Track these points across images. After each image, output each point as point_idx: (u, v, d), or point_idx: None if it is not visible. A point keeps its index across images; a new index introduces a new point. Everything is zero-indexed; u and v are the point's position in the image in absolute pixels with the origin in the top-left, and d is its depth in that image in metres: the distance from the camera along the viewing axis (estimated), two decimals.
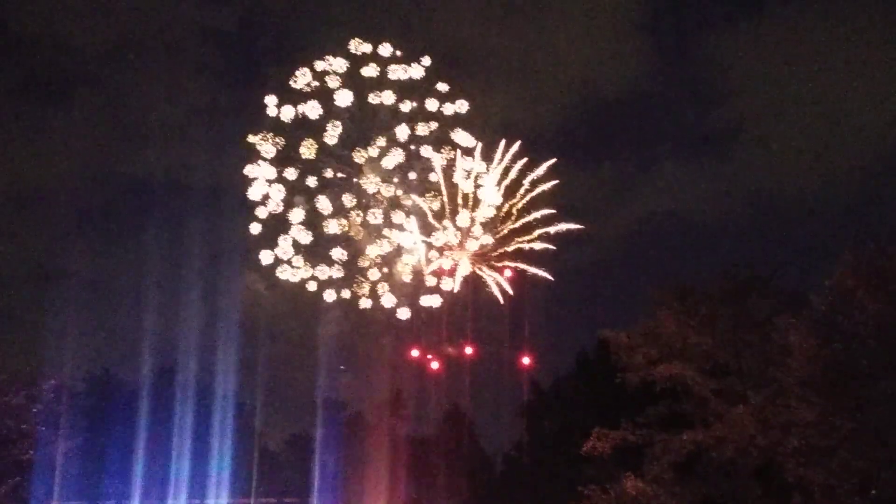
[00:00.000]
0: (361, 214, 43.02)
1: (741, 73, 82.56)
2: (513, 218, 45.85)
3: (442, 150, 44.20)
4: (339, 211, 43.33)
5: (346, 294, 43.14)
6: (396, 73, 43.35)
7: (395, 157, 43.15)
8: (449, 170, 44.78)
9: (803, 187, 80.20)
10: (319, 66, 43.24)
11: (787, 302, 35.97)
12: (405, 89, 44.43)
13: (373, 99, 43.23)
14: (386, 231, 43.79)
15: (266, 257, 41.95)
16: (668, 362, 37.36)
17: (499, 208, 45.59)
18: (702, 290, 38.50)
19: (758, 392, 35.42)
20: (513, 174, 45.34)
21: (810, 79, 77.26)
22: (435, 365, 48.75)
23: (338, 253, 42.66)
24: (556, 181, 45.84)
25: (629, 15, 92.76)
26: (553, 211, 45.54)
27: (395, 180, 44.09)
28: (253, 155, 42.87)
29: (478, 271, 45.82)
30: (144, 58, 70.10)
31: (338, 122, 42.53)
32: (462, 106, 44.47)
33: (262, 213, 42.25)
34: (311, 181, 43.20)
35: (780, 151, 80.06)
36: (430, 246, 44.83)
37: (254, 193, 42.51)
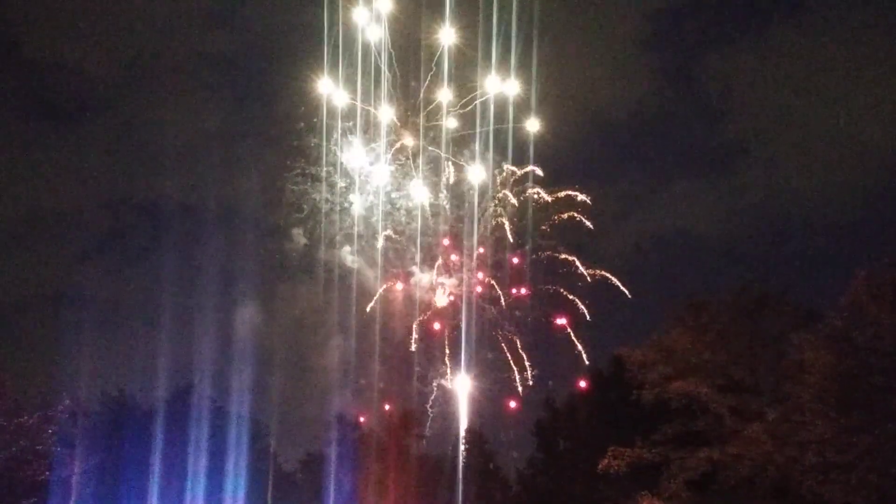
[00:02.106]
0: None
1: (747, 91, 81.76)
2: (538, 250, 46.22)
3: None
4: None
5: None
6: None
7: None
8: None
9: (812, 203, 79.56)
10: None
11: (802, 318, 35.89)
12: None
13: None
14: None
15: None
16: (683, 379, 37.26)
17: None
18: (715, 306, 38.44)
19: (773, 408, 35.32)
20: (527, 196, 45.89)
21: (817, 95, 76.41)
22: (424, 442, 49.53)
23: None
24: (591, 225, 46.63)
25: (634, 34, 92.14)
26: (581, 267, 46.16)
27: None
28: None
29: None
30: (155, 82, 71.14)
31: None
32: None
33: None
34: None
35: (788, 168, 79.51)
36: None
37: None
